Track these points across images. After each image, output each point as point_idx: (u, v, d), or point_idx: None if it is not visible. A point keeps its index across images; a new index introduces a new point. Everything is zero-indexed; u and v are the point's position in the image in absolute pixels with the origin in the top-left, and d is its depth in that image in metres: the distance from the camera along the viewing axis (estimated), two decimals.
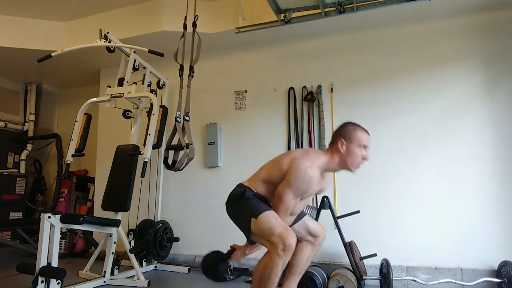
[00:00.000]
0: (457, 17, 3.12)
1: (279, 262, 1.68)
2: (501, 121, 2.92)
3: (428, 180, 3.02)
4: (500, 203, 2.83)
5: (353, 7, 2.84)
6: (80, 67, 4.47)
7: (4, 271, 3.35)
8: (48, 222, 2.46)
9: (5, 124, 4.72)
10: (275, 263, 1.68)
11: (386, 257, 2.70)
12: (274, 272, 1.69)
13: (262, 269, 1.73)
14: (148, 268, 3.46)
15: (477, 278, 2.62)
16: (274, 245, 1.69)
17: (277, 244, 1.68)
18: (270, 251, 1.72)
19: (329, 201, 2.89)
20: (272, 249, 1.70)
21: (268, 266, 1.70)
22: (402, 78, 3.22)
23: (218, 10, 3.51)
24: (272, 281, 1.71)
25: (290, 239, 1.68)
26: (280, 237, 1.68)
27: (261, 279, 1.73)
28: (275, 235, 1.70)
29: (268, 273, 1.70)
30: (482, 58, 3.04)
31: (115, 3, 3.68)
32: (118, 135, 3.78)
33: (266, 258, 1.73)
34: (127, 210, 3.09)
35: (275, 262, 1.68)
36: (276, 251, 1.68)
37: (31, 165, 5.04)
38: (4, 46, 3.80)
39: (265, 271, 1.71)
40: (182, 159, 2.78)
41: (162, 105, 3.36)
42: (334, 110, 3.38)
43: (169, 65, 3.95)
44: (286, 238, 1.68)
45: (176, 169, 2.83)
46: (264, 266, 1.72)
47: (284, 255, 1.68)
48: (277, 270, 1.70)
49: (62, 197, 4.47)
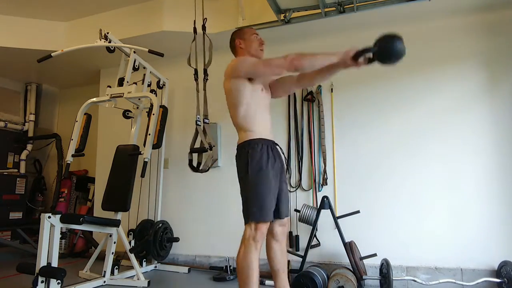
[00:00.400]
0: (457, 17, 3.12)
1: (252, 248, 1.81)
2: (502, 121, 2.92)
3: (428, 180, 3.01)
4: (501, 202, 2.83)
5: (353, 7, 2.84)
6: (80, 67, 4.47)
7: (4, 271, 3.35)
8: (48, 222, 2.46)
9: (5, 124, 4.72)
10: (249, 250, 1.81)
11: (386, 257, 2.70)
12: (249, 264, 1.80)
13: (240, 258, 1.84)
14: (148, 268, 3.46)
15: (477, 278, 2.62)
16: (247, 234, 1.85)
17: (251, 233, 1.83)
18: (242, 241, 1.86)
19: (329, 201, 2.89)
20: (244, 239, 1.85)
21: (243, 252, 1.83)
22: (402, 77, 3.21)
23: (218, 10, 3.51)
24: (249, 273, 1.79)
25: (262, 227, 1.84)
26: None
27: (240, 273, 1.82)
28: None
29: (243, 258, 1.82)
30: (483, 58, 3.03)
31: (115, 3, 3.68)
32: (118, 135, 3.79)
33: (240, 249, 1.85)
34: (127, 210, 3.09)
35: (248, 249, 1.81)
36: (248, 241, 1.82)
37: (31, 165, 5.04)
38: (4, 46, 3.80)
39: (242, 263, 1.82)
40: (207, 161, 2.83)
41: (162, 105, 3.36)
42: (334, 110, 3.38)
43: (169, 65, 3.96)
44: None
45: (202, 171, 2.88)
46: (241, 254, 1.84)
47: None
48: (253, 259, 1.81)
49: (62, 197, 4.47)
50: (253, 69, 1.98)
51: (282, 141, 3.53)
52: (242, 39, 2.18)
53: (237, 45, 2.19)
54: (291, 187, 3.35)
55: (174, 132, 4.01)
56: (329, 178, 3.26)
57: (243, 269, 1.80)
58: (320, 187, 3.28)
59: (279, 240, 2.06)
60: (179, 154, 3.87)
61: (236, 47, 2.21)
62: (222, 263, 3.33)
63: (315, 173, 3.32)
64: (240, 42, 2.18)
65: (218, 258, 3.49)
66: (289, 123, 3.52)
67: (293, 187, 3.37)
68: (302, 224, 3.12)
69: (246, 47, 2.16)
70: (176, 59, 3.92)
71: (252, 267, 1.79)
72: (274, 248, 2.05)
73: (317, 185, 3.30)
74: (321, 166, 3.32)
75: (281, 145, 3.49)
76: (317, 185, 3.30)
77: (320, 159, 3.33)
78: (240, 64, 2.02)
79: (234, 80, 2.00)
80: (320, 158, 3.33)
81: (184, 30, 3.38)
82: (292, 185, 3.37)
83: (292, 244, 3.22)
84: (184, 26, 3.37)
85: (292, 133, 3.49)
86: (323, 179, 3.25)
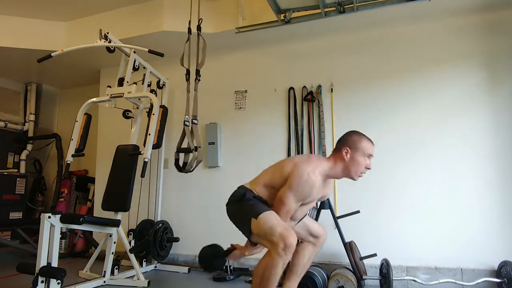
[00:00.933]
0: (457, 17, 3.12)
1: (280, 261, 1.68)
2: (502, 121, 2.92)
3: (429, 180, 3.01)
4: (501, 203, 2.83)
5: (353, 7, 2.84)
6: (80, 67, 4.47)
7: (4, 271, 3.35)
8: (48, 222, 2.46)
9: (5, 124, 4.71)
10: (276, 262, 1.68)
11: (386, 257, 2.70)
12: (274, 272, 1.70)
13: (263, 269, 1.73)
14: (148, 268, 3.46)
15: (477, 278, 2.62)
16: (275, 245, 1.69)
17: (278, 244, 1.68)
18: (271, 251, 1.72)
19: (329, 201, 2.89)
20: (273, 249, 1.70)
21: (268, 265, 1.71)
22: (402, 77, 3.21)
23: (218, 10, 3.51)
24: (273, 281, 1.71)
25: (290, 238, 1.68)
26: (280, 236, 1.68)
27: (261, 278, 1.73)
28: (276, 235, 1.70)
29: (268, 272, 1.71)
30: (483, 58, 3.03)
31: (115, 3, 3.68)
32: (118, 135, 3.79)
33: (267, 258, 1.73)
34: (127, 210, 3.09)
35: (275, 262, 1.68)
36: (276, 251, 1.68)
37: (31, 165, 5.04)
38: (4, 46, 3.80)
39: (265, 271, 1.72)
40: (191, 161, 2.84)
41: (162, 105, 3.36)
42: (334, 110, 3.38)
43: (169, 65, 3.96)
44: (287, 237, 1.68)
45: (186, 171, 2.90)
46: (265, 266, 1.73)
47: (284, 255, 1.68)
48: (278, 270, 1.70)
49: (62, 197, 4.47)
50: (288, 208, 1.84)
51: (282, 141, 3.53)
52: (354, 150, 1.89)
53: (342, 152, 1.90)
54: None
55: (174, 132, 4.00)
56: None
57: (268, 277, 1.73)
58: None
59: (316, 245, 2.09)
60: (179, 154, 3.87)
61: (340, 150, 1.92)
62: None
63: None
64: (348, 151, 1.89)
65: None
66: (289, 123, 3.51)
67: None
68: None
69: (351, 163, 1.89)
70: (176, 59, 3.87)
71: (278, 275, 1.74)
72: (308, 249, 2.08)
73: None
74: None
75: (281, 145, 3.54)
76: None
77: None
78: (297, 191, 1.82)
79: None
80: None
81: (184, 30, 3.36)
82: None
83: None
84: (184, 26, 3.36)
85: (292, 133, 3.49)
86: None
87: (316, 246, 2.15)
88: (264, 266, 1.73)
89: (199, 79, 3.05)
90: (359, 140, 1.91)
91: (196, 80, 3.04)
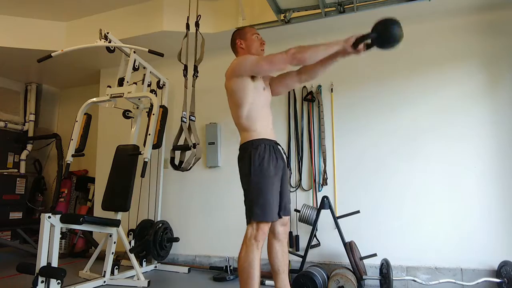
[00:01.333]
0: (457, 17, 3.12)
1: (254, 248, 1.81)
2: (503, 121, 2.91)
3: (429, 180, 3.01)
4: (501, 202, 2.83)
5: (353, 7, 2.84)
6: (80, 67, 4.47)
7: (4, 271, 3.35)
8: (48, 222, 2.46)
9: (5, 124, 4.72)
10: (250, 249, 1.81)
11: (386, 257, 2.70)
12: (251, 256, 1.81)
13: (241, 259, 1.84)
14: (148, 268, 3.46)
15: (477, 278, 2.62)
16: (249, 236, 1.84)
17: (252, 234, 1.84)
18: (245, 239, 1.86)
19: (329, 201, 2.89)
20: (247, 238, 1.85)
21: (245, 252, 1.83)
22: (402, 77, 3.21)
23: (218, 10, 3.51)
24: (250, 273, 1.79)
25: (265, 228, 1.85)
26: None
27: (242, 270, 1.82)
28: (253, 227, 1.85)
29: (245, 258, 1.82)
30: (483, 58, 3.03)
31: (115, 3, 3.68)
32: (118, 135, 3.79)
33: (242, 248, 1.86)
34: (127, 210, 3.09)
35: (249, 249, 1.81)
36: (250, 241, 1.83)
37: (31, 165, 5.04)
38: (4, 46, 3.80)
39: (244, 261, 1.82)
40: (189, 159, 2.81)
41: (162, 105, 3.36)
42: (334, 110, 3.38)
43: (169, 65, 3.96)
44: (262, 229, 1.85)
45: (184, 169, 2.85)
46: (243, 254, 1.84)
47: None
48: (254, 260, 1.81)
49: (62, 197, 4.47)
50: (256, 66, 1.97)
51: (282, 141, 3.53)
52: (243, 39, 2.19)
53: (237, 45, 2.21)
54: (291, 187, 3.35)
55: (174, 132, 3.96)
56: (329, 178, 3.26)
57: (244, 269, 1.80)
58: (320, 187, 3.28)
59: (280, 240, 2.05)
60: (179, 154, 3.87)
61: (237, 47, 2.22)
62: (222, 263, 3.34)
63: (315, 173, 3.32)
64: (240, 42, 2.19)
65: (218, 258, 3.49)
66: (289, 123, 3.52)
67: (293, 187, 3.37)
68: (302, 224, 3.12)
69: (247, 47, 2.18)
70: (176, 59, 3.92)
71: (254, 266, 1.79)
72: (276, 247, 2.04)
73: (317, 185, 3.30)
74: (321, 166, 3.32)
75: (281, 145, 3.52)
76: (317, 185, 3.30)
77: (320, 159, 3.33)
78: (242, 62, 2.01)
79: (236, 80, 2.00)
80: (320, 158, 3.33)
81: (184, 30, 3.38)
82: (292, 185, 3.37)
83: (292, 244, 3.22)
84: (184, 26, 3.37)
85: (292, 133, 3.49)
86: (323, 179, 3.25)
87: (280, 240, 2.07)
88: (242, 257, 1.84)
89: (197, 75, 3.05)
90: (241, 31, 2.25)
91: (194, 76, 3.04)
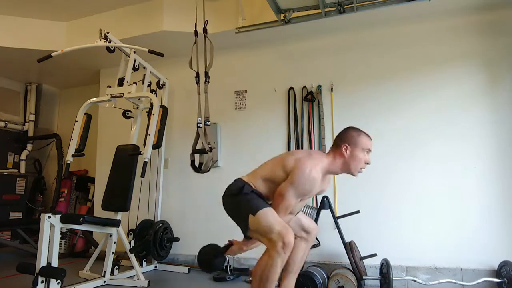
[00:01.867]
0: (457, 17, 3.12)
1: (278, 259, 1.69)
2: (503, 120, 2.91)
3: (429, 180, 3.01)
4: (501, 202, 2.83)
5: (353, 7, 2.84)
6: (80, 67, 4.47)
7: (4, 271, 3.35)
8: (48, 222, 2.46)
9: (5, 124, 4.71)
10: (275, 261, 1.69)
11: (386, 257, 2.70)
12: (273, 270, 1.71)
13: (262, 267, 1.74)
14: (148, 268, 3.46)
15: (477, 278, 2.62)
16: (273, 243, 1.70)
17: (276, 242, 1.69)
18: (269, 249, 1.73)
19: (329, 201, 2.89)
20: (272, 247, 1.71)
21: (268, 264, 1.72)
22: (402, 77, 3.21)
23: (218, 10, 3.51)
24: (272, 279, 1.72)
25: (289, 236, 1.70)
26: (279, 234, 1.69)
27: (261, 277, 1.74)
28: (274, 233, 1.70)
29: (268, 271, 1.72)
30: (483, 57, 3.03)
31: (115, 3, 3.68)
32: (118, 135, 3.79)
33: (265, 257, 1.75)
34: (127, 210, 3.09)
35: (274, 260, 1.69)
36: (275, 249, 1.69)
37: (31, 165, 5.03)
38: (4, 46, 3.80)
39: (264, 270, 1.73)
40: (207, 162, 2.90)
41: (162, 105, 3.37)
42: (334, 110, 3.38)
43: (169, 65, 3.96)
44: (285, 235, 1.69)
45: (203, 171, 2.97)
46: (264, 264, 1.73)
47: (283, 253, 1.69)
48: (277, 268, 1.71)
49: (62, 197, 4.46)
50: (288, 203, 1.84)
51: (282, 141, 3.53)
52: (353, 146, 1.90)
53: (342, 147, 1.92)
54: None
55: (174, 132, 4.01)
56: None
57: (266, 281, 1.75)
58: None
59: (309, 240, 2.07)
60: (179, 154, 3.87)
61: (340, 147, 1.92)
62: None
63: None
64: (347, 147, 1.91)
65: None
66: (289, 123, 3.52)
67: None
68: None
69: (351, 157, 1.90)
70: (176, 59, 3.93)
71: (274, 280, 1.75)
72: (302, 246, 2.07)
73: None
74: None
75: (281, 145, 3.54)
76: None
77: None
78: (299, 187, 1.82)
79: None
80: None
81: (184, 30, 3.38)
82: None
83: None
84: (184, 26, 3.37)
85: (292, 133, 3.49)
86: None
87: (308, 241, 2.14)
88: (263, 265, 1.74)
89: (209, 80, 3.06)
90: (357, 135, 1.93)
91: (206, 82, 3.05)
